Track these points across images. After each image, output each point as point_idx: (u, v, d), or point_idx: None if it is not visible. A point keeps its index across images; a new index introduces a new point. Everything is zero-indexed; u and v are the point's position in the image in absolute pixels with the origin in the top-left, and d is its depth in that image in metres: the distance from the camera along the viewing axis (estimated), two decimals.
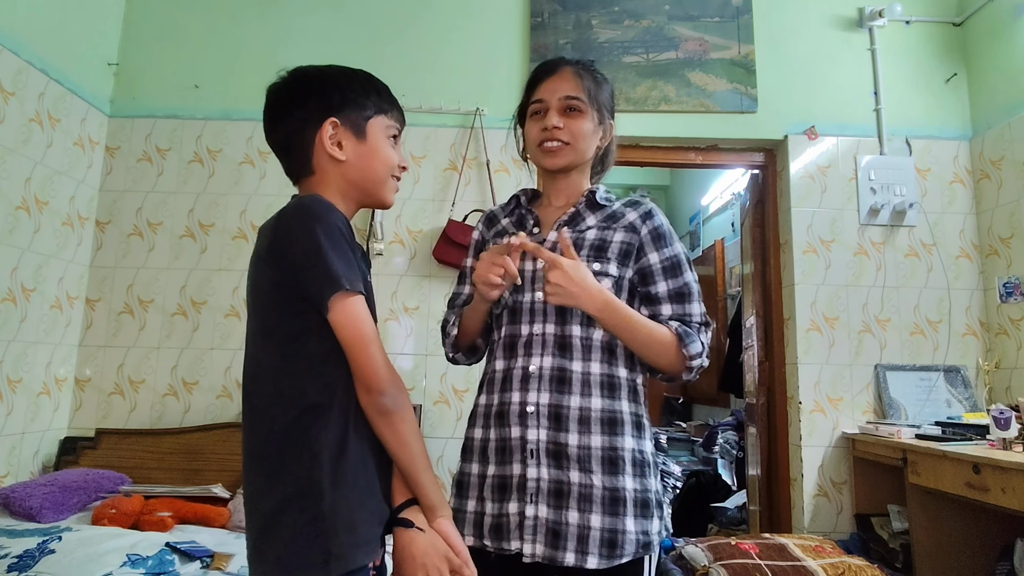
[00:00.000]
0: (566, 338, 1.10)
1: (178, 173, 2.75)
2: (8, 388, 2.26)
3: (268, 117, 1.04)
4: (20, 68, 2.27)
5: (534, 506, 1.04)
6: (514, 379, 1.11)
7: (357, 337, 0.90)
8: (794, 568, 1.91)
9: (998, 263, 2.61)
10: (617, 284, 1.13)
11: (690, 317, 1.13)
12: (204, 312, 2.65)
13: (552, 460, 1.06)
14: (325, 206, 0.94)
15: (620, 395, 1.10)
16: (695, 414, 5.21)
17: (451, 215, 2.68)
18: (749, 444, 2.96)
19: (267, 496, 0.91)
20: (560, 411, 1.07)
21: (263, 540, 0.90)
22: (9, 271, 2.25)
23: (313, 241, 0.89)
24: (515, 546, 1.04)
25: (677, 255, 1.16)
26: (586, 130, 1.18)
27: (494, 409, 1.13)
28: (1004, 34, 2.63)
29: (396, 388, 0.93)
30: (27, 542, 1.69)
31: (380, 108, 1.05)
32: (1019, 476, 1.70)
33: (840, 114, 2.80)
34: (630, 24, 2.87)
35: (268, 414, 0.93)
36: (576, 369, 1.09)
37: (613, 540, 1.02)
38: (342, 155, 1.00)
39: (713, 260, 4.70)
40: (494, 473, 1.10)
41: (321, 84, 1.02)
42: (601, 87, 1.23)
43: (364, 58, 2.81)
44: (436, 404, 2.61)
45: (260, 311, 0.96)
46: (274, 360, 0.94)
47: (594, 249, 1.14)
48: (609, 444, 1.06)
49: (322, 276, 0.89)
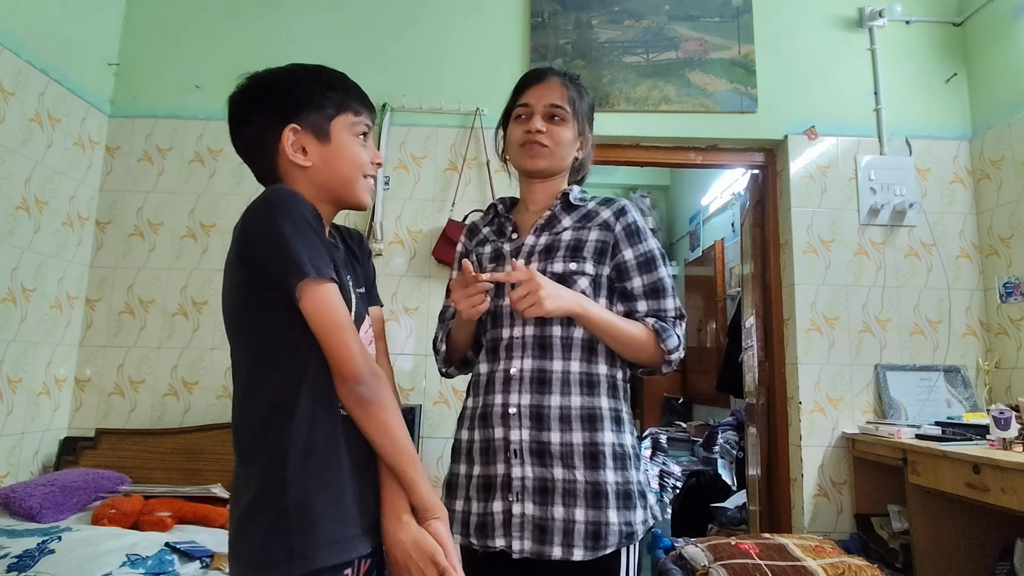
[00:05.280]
0: (546, 338, 1.13)
1: (179, 173, 2.75)
2: (8, 388, 2.26)
3: (230, 127, 1.02)
4: (20, 68, 2.27)
5: (520, 504, 1.08)
6: (496, 382, 1.15)
7: (330, 325, 0.88)
8: (794, 568, 1.91)
9: (998, 263, 2.61)
10: (594, 282, 1.16)
11: (665, 312, 1.17)
12: (205, 312, 2.65)
13: (536, 458, 1.09)
14: (289, 195, 0.91)
15: (599, 392, 1.13)
16: (695, 414, 5.20)
17: (451, 215, 2.68)
18: (749, 444, 2.96)
19: (243, 495, 0.90)
20: (541, 411, 1.10)
21: (237, 537, 0.90)
22: (9, 271, 2.25)
23: (277, 231, 0.87)
24: (500, 543, 1.08)
25: (651, 251, 1.19)
26: (567, 138, 1.23)
27: (478, 411, 1.17)
28: (1004, 34, 2.63)
29: (373, 377, 0.90)
30: (27, 542, 1.69)
31: (342, 106, 1.00)
32: (1019, 476, 1.70)
33: (840, 114, 2.80)
34: (630, 24, 2.87)
35: (245, 412, 0.92)
36: (556, 368, 1.12)
37: (597, 532, 1.05)
38: (306, 161, 0.97)
39: (713, 260, 4.70)
40: (479, 473, 1.13)
41: (274, 89, 0.99)
42: (583, 100, 1.28)
43: (364, 58, 2.82)
44: (436, 404, 2.61)
45: (232, 310, 0.95)
46: (246, 357, 0.93)
47: (570, 249, 1.17)
48: (590, 440, 1.09)
49: (287, 265, 0.86)
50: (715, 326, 4.63)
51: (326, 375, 0.91)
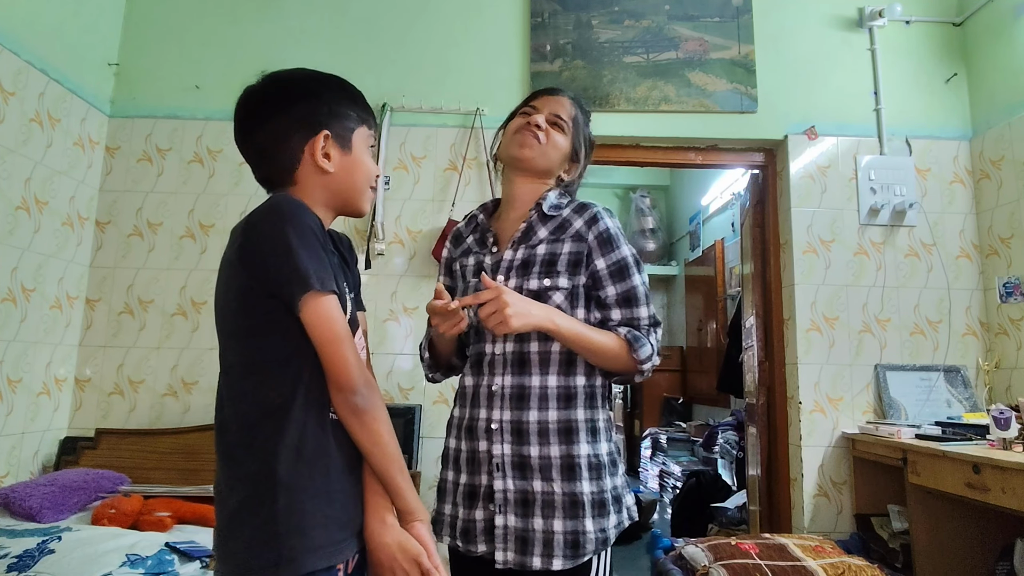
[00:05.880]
0: (524, 355, 1.16)
1: (178, 173, 2.75)
2: (8, 388, 2.26)
3: (246, 123, 1.02)
4: (20, 68, 2.27)
5: (503, 516, 1.11)
6: (480, 396, 1.18)
7: (329, 337, 0.90)
8: (794, 568, 1.91)
9: (998, 263, 2.61)
10: (571, 294, 1.17)
11: (638, 320, 1.18)
12: (204, 312, 2.65)
13: (517, 472, 1.12)
14: (297, 206, 0.93)
15: (576, 404, 1.15)
16: (695, 414, 5.21)
17: (451, 215, 2.68)
18: (749, 444, 2.96)
19: (231, 496, 0.91)
20: (520, 426, 1.13)
21: (225, 540, 0.91)
22: (9, 271, 2.25)
23: (284, 241, 0.89)
24: (481, 549, 1.13)
25: (623, 258, 1.18)
26: (561, 144, 1.26)
27: (464, 423, 1.20)
28: (1004, 34, 2.63)
29: (368, 387, 0.93)
30: (27, 542, 1.69)
31: (361, 119, 1.05)
32: (1019, 476, 1.70)
33: (840, 114, 2.80)
34: (630, 24, 2.87)
35: (234, 414, 0.93)
36: (534, 384, 1.15)
37: (576, 541, 1.09)
38: (330, 167, 1.00)
39: (713, 260, 4.70)
40: (465, 481, 1.18)
41: (308, 95, 1.02)
42: (586, 127, 1.31)
43: (364, 58, 2.82)
44: (435, 404, 2.61)
45: (228, 312, 0.96)
46: (240, 361, 0.94)
47: (544, 264, 1.18)
48: (566, 452, 1.12)
49: (293, 276, 0.88)
50: (715, 326, 4.63)
51: (320, 382, 0.92)
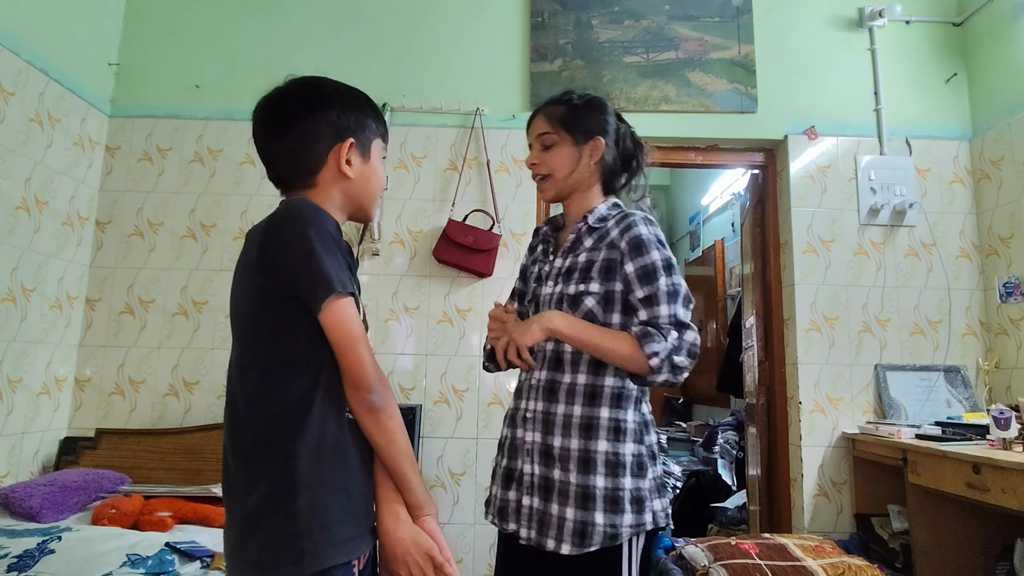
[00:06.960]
0: (560, 354, 1.26)
1: (179, 173, 2.75)
2: (8, 388, 2.26)
3: (275, 124, 1.04)
4: (20, 68, 2.27)
5: (529, 497, 1.22)
6: (524, 389, 1.32)
7: (348, 337, 0.93)
8: (794, 568, 1.91)
9: (998, 263, 2.61)
10: (604, 298, 1.24)
11: (657, 319, 1.19)
12: (205, 312, 2.65)
13: (542, 459, 1.23)
14: (316, 210, 0.97)
15: (600, 402, 1.21)
16: (695, 414, 5.21)
17: (451, 215, 2.68)
18: (749, 444, 2.96)
19: (247, 496, 0.93)
20: (549, 417, 1.23)
21: (242, 539, 0.93)
22: (9, 271, 2.25)
23: (307, 244, 0.92)
24: (511, 527, 1.24)
25: (652, 263, 1.22)
26: (562, 158, 1.31)
27: (511, 412, 1.35)
28: (1004, 34, 2.63)
29: (383, 386, 0.96)
30: (27, 542, 1.69)
31: (379, 132, 1.11)
32: (1019, 476, 1.70)
33: (840, 114, 2.80)
34: (630, 24, 2.88)
35: (251, 415, 0.95)
36: (565, 380, 1.24)
37: (583, 531, 1.15)
38: (351, 172, 1.05)
39: (713, 260, 4.70)
40: (505, 465, 1.30)
41: (339, 102, 1.06)
42: (578, 111, 1.33)
43: (365, 58, 2.82)
44: (436, 404, 2.61)
45: (246, 313, 0.99)
46: (259, 362, 0.96)
47: (582, 271, 1.26)
48: (584, 447, 1.19)
49: (316, 279, 0.91)
50: (715, 326, 4.64)
51: (336, 381, 0.95)
